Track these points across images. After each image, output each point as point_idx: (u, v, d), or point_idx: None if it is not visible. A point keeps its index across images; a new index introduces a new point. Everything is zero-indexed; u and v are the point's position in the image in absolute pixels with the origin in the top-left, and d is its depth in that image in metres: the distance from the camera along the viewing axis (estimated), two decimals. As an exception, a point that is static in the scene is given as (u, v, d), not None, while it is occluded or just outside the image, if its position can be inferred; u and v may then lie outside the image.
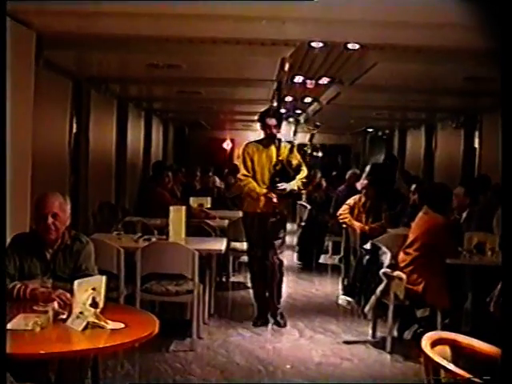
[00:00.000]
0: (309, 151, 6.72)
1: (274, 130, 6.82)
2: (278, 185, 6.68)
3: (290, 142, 7.04)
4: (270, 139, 6.85)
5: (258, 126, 7.06)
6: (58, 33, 6.39)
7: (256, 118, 7.49)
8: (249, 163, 6.83)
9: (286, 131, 5.81)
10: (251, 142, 7.04)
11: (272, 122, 6.80)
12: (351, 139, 22.08)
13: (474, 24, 3.24)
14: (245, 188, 6.84)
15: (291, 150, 6.84)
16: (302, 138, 15.27)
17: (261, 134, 6.98)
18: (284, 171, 6.72)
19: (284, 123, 13.85)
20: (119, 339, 3.40)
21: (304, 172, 6.90)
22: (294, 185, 6.77)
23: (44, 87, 6.83)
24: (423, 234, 6.17)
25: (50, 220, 4.07)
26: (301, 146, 6.40)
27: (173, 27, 6.00)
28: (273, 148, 6.82)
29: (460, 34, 5.44)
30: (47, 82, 7.35)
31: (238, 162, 7.54)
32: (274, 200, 6.68)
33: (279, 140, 6.87)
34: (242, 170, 6.87)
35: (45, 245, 4.14)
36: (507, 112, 2.52)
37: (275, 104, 11.01)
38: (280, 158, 6.75)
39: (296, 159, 6.86)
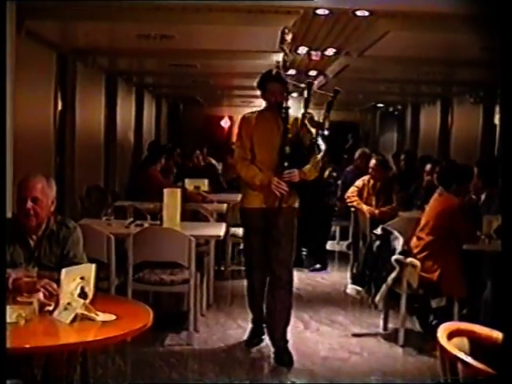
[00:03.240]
0: (326, 125, 5.65)
1: (280, 97, 5.64)
2: (287, 171, 5.51)
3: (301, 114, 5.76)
4: (274, 109, 5.68)
5: (258, 94, 6.02)
6: (40, 1, 6.37)
7: (256, 92, 6.76)
8: (247, 142, 5.71)
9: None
10: (250, 113, 5.89)
11: (275, 86, 5.65)
12: (360, 116, 22.07)
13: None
14: (242, 175, 5.75)
15: (303, 123, 5.66)
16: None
17: (262, 105, 5.98)
18: (295, 152, 5.56)
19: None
20: (110, 332, 3.40)
21: (321, 152, 5.74)
22: (308, 170, 5.61)
23: (26, 60, 6.82)
24: (437, 217, 6.17)
25: (30, 204, 4.05)
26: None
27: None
28: (279, 121, 5.63)
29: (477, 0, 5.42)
30: (29, 55, 7.33)
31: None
32: (282, 191, 5.52)
33: (287, 110, 5.62)
34: (240, 151, 5.78)
35: (27, 231, 4.13)
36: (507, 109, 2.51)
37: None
38: (289, 135, 5.58)
39: (310, 135, 5.68)
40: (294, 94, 6.74)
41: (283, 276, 5.70)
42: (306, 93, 5.75)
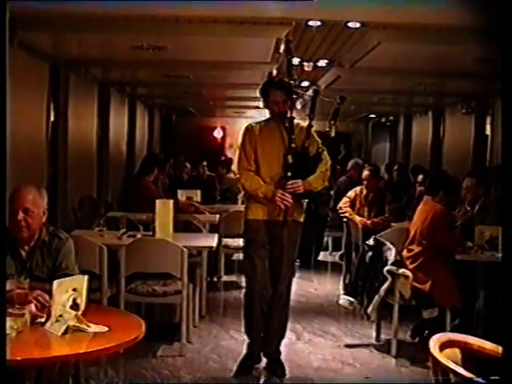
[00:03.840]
0: (332, 133, 5.32)
1: (284, 106, 5.47)
2: (291, 182, 5.35)
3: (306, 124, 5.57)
4: (278, 119, 5.54)
5: (251, 104, 6.20)
6: (33, 11, 6.36)
7: (249, 103, 6.71)
8: (251, 153, 5.52)
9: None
10: (254, 124, 5.70)
11: (279, 94, 5.47)
12: (352, 126, 22.08)
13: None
14: (247, 187, 5.54)
15: (308, 133, 5.46)
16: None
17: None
18: (299, 162, 5.41)
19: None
20: (102, 344, 3.39)
21: (327, 162, 5.56)
22: (313, 181, 5.46)
23: (18, 71, 6.80)
24: (422, 225, 6.20)
25: (21, 216, 4.05)
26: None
27: (158, 5, 5.99)
28: (283, 131, 5.50)
29: (470, 12, 5.45)
30: (22, 66, 7.31)
31: (231, 151, 6.42)
32: (287, 203, 5.35)
33: (291, 120, 5.48)
34: (243, 162, 5.57)
35: (19, 242, 4.13)
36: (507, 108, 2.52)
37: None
38: (293, 145, 5.41)
39: (315, 145, 5.51)
40: (298, 106, 6.44)
41: (284, 292, 5.63)
42: (311, 100, 5.64)
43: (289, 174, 5.38)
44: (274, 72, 8.83)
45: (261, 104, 5.92)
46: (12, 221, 4.07)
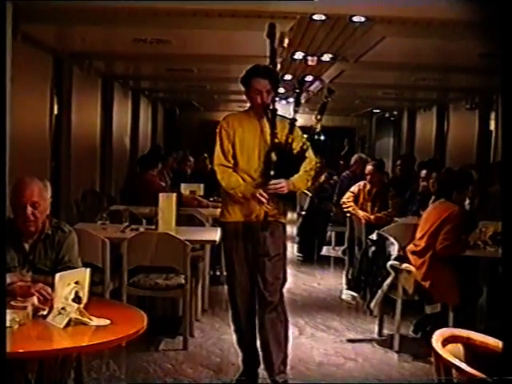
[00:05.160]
0: (318, 128, 4.64)
1: (267, 97, 4.93)
2: (273, 181, 4.83)
3: (289, 118, 5.02)
4: (259, 111, 5.00)
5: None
6: (37, 5, 6.36)
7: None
8: (228, 147, 5.03)
9: (283, 112, 5.22)
10: (233, 114, 5.32)
11: (263, 83, 4.94)
12: (356, 121, 22.07)
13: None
14: (224, 185, 5.06)
15: (292, 129, 4.93)
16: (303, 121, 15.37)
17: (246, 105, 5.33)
18: (283, 159, 4.88)
19: (283, 103, 13.46)
20: (104, 337, 3.39)
21: (311, 160, 5.05)
22: (297, 181, 4.97)
23: (22, 64, 6.81)
24: (437, 224, 6.15)
25: (30, 210, 4.03)
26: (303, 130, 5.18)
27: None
28: (265, 124, 5.00)
29: (474, 7, 5.43)
30: (25, 59, 7.32)
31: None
32: (267, 205, 4.88)
33: (274, 113, 4.94)
34: (219, 157, 5.07)
35: (23, 235, 4.12)
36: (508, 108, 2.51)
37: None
38: (276, 141, 4.89)
39: (299, 141, 4.98)
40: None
41: (274, 300, 5.06)
42: (295, 93, 5.23)
43: (272, 172, 4.85)
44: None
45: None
46: (20, 215, 4.06)
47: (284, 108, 5.46)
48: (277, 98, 5.16)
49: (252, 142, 5.01)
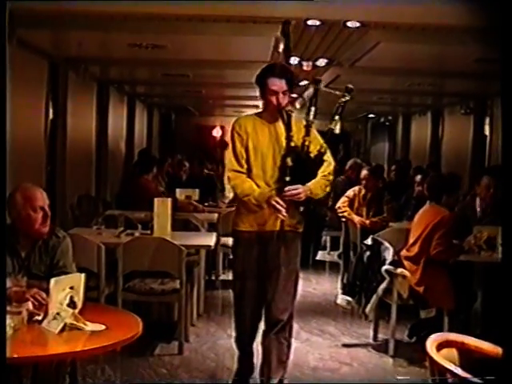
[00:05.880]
0: (337, 130, 4.26)
1: (283, 98, 4.66)
2: (289, 187, 4.55)
3: (306, 120, 4.69)
4: (274, 112, 4.74)
5: (250, 104, 5.06)
6: (33, 9, 6.35)
7: (248, 102, 5.82)
8: (241, 151, 4.73)
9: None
10: (246, 117, 4.97)
11: (279, 84, 4.64)
12: (351, 126, 22.07)
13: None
14: (238, 192, 4.75)
15: (308, 130, 4.63)
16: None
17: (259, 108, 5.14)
18: (299, 164, 4.60)
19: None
20: (99, 342, 3.39)
21: (330, 164, 4.74)
22: (314, 186, 4.65)
23: (17, 69, 6.79)
24: (427, 229, 6.16)
25: (45, 212, 4.14)
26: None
27: (157, 3, 5.97)
28: (280, 127, 4.74)
29: (469, 12, 5.44)
30: (21, 64, 7.30)
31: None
32: (283, 212, 4.56)
33: (289, 114, 4.70)
34: (232, 162, 4.79)
35: (19, 241, 4.14)
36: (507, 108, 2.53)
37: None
38: (292, 144, 4.62)
39: (317, 144, 4.68)
40: (297, 105, 5.70)
41: (283, 319, 4.85)
42: (313, 92, 4.85)
43: (287, 178, 4.57)
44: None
45: (260, 103, 5.22)
46: (36, 219, 4.12)
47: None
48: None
49: (266, 146, 4.73)
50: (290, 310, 4.91)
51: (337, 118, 4.77)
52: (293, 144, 4.62)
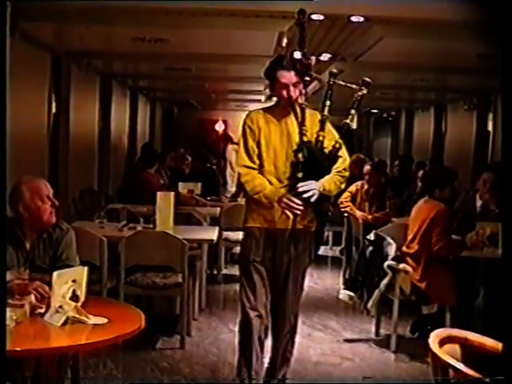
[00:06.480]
0: (354, 125, 3.97)
1: (294, 91, 4.49)
2: (301, 184, 4.39)
3: (321, 114, 4.54)
4: (287, 106, 4.58)
5: (253, 98, 4.73)
6: (36, 3, 6.35)
7: (251, 96, 5.60)
8: (253, 146, 4.56)
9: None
10: (257, 111, 4.71)
11: (288, 76, 4.48)
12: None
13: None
14: (249, 189, 4.56)
15: (323, 124, 4.48)
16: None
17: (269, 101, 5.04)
18: (312, 160, 4.43)
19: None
20: (101, 335, 3.39)
21: (345, 160, 4.66)
22: (328, 182, 4.53)
23: (20, 62, 6.79)
24: (423, 225, 6.15)
25: (53, 200, 4.17)
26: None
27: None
28: (292, 121, 4.58)
29: (472, 7, 5.43)
30: (23, 57, 7.30)
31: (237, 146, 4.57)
32: (296, 211, 4.41)
33: (303, 107, 4.53)
34: (243, 157, 4.59)
35: (25, 233, 4.15)
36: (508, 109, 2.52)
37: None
38: (305, 139, 4.45)
39: (332, 139, 4.53)
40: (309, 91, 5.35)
41: (291, 320, 4.81)
42: (327, 85, 4.61)
43: (299, 174, 4.40)
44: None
45: (262, 98, 5.19)
46: (46, 209, 4.14)
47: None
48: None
49: (279, 141, 4.56)
50: (297, 311, 4.84)
51: (353, 112, 4.62)
52: (306, 139, 4.44)
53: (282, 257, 4.64)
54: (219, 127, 21.25)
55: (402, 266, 6.13)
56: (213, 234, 6.64)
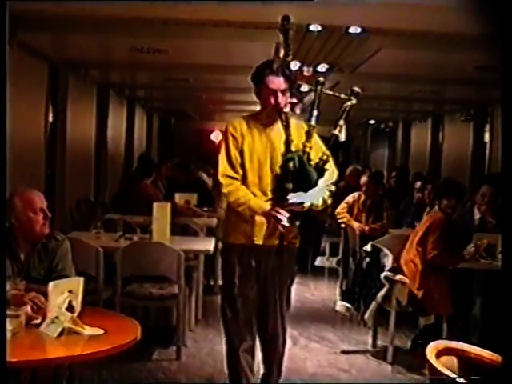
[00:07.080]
0: (342, 137, 3.92)
1: (282, 98, 4.27)
2: (293, 195, 4.18)
3: (307, 124, 4.37)
4: (272, 114, 4.35)
5: (250, 109, 4.65)
6: (34, 13, 6.36)
7: (248, 107, 5.77)
8: (236, 155, 4.32)
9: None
10: (241, 118, 4.46)
11: (277, 82, 4.26)
12: (351, 132, 22.06)
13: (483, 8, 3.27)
14: (231, 200, 4.31)
15: (309, 135, 4.30)
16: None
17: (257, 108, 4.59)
18: (299, 171, 4.21)
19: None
20: (97, 346, 3.39)
21: (333, 173, 4.44)
22: (316, 196, 4.28)
23: (18, 72, 6.80)
24: (420, 233, 6.16)
25: (46, 212, 4.15)
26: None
27: (158, 8, 5.98)
28: (278, 129, 4.36)
29: (470, 19, 5.45)
30: (21, 67, 7.31)
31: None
32: (283, 222, 4.18)
33: (287, 117, 4.32)
34: (225, 166, 4.33)
35: (19, 244, 4.14)
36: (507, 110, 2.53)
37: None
38: (293, 149, 4.25)
39: (319, 151, 4.36)
40: (297, 111, 5.44)
41: (279, 335, 4.65)
42: (315, 93, 4.47)
43: (289, 185, 4.18)
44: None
45: (259, 108, 4.62)
46: (37, 220, 4.13)
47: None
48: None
49: (263, 151, 4.33)
50: (285, 325, 4.69)
51: (341, 122, 4.46)
52: (293, 149, 4.26)
53: (265, 275, 4.45)
54: (216, 137, 21.27)
55: (398, 277, 6.13)
56: (209, 244, 6.63)
